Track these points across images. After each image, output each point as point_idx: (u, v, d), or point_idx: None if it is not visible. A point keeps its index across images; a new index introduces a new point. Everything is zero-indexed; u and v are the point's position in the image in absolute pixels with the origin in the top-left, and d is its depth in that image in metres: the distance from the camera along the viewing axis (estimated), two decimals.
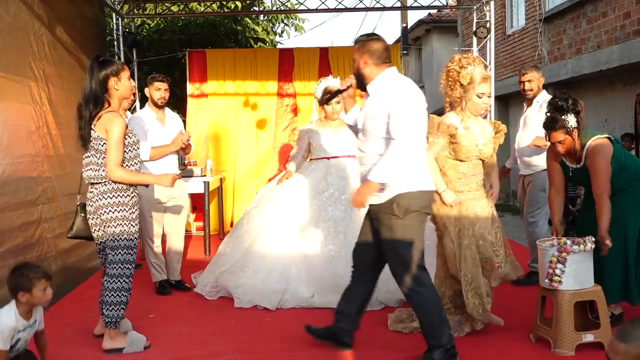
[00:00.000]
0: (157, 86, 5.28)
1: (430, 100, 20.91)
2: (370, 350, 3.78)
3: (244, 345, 3.93)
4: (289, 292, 4.80)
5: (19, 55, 4.94)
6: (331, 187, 5.17)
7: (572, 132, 3.89)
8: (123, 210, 3.73)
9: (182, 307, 4.84)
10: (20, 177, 4.76)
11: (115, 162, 3.66)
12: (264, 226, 5.15)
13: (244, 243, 5.14)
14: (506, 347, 3.79)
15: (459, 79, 3.92)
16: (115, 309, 3.76)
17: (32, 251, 4.89)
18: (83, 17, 6.72)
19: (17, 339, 3.09)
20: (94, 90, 3.72)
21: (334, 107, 5.24)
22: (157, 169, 5.08)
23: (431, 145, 3.91)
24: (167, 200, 5.28)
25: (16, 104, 4.82)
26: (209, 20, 11.45)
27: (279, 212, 5.18)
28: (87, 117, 3.72)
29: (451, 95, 4.01)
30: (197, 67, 8.72)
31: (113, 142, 3.65)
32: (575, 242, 3.61)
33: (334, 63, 8.79)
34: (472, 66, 3.91)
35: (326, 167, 5.28)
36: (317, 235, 5.00)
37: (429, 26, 20.64)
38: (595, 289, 3.68)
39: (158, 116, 5.34)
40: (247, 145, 8.74)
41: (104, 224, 3.75)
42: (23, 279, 3.07)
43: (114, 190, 3.72)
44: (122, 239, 3.74)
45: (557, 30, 11.11)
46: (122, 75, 3.79)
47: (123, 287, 3.77)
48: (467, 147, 3.91)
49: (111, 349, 3.79)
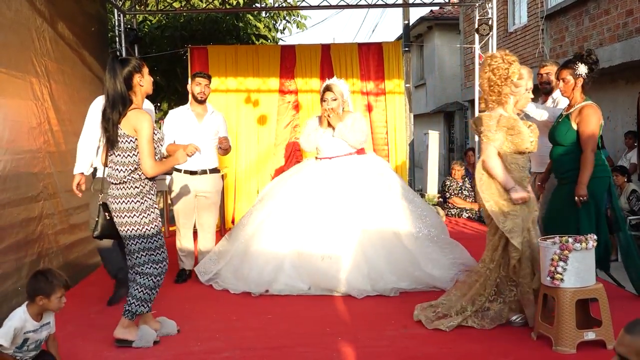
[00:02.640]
0: (198, 81, 5.40)
1: (431, 98, 20.91)
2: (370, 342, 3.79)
3: (245, 342, 3.94)
4: (280, 282, 4.95)
5: (21, 51, 4.93)
6: (330, 185, 5.21)
7: (577, 77, 4.39)
8: (136, 216, 3.73)
9: (184, 303, 4.84)
10: (21, 173, 4.76)
11: (150, 157, 3.65)
12: (261, 222, 5.25)
13: (241, 239, 5.29)
14: (507, 344, 3.78)
15: (510, 75, 3.94)
16: (137, 304, 3.82)
17: (34, 247, 4.89)
18: (85, 13, 6.71)
19: (25, 338, 3.16)
20: (120, 90, 3.65)
21: (330, 103, 5.32)
22: (191, 162, 5.04)
23: (491, 141, 3.95)
24: (196, 195, 5.39)
25: (18, 100, 4.82)
26: (210, 16, 11.43)
27: (277, 208, 5.25)
28: (115, 119, 3.66)
29: (500, 92, 4.00)
30: (198, 63, 8.70)
31: (145, 139, 3.64)
32: (577, 240, 3.60)
33: (335, 60, 8.77)
34: (517, 63, 3.97)
35: (324, 167, 5.35)
36: (313, 233, 5.05)
37: (431, 23, 20.63)
38: (597, 286, 3.68)
39: (197, 112, 5.43)
40: (249, 141, 8.73)
41: (126, 227, 3.76)
42: (46, 284, 3.17)
43: (130, 196, 3.71)
44: (142, 241, 3.76)
45: (559, 27, 11.09)
46: (144, 71, 3.77)
47: (148, 285, 3.81)
48: (525, 139, 3.96)
49: (121, 339, 3.83)
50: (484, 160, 4.02)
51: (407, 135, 10.51)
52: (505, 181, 3.94)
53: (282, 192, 5.39)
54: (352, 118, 5.38)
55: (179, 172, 5.37)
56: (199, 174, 5.36)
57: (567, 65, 4.47)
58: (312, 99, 8.76)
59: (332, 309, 4.58)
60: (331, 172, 5.29)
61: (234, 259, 5.26)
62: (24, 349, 3.18)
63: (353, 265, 4.89)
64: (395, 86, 8.86)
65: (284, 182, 5.52)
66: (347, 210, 5.09)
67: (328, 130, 5.39)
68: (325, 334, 4.04)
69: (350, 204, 5.12)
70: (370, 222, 5.07)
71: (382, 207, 5.18)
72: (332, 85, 5.38)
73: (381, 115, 8.78)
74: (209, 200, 5.47)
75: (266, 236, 5.16)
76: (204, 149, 5.24)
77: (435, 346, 3.77)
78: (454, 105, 19.78)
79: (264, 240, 5.15)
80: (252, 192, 8.73)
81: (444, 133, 20.77)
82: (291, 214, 5.17)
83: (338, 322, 4.28)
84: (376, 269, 4.93)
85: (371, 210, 5.12)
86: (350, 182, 5.22)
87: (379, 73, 8.83)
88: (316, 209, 5.13)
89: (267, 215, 5.27)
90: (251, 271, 5.06)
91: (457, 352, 3.68)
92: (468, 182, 9.12)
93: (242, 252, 5.22)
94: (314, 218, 5.10)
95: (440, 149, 12.88)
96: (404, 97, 9.25)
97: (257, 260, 5.08)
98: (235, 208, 8.67)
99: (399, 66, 8.91)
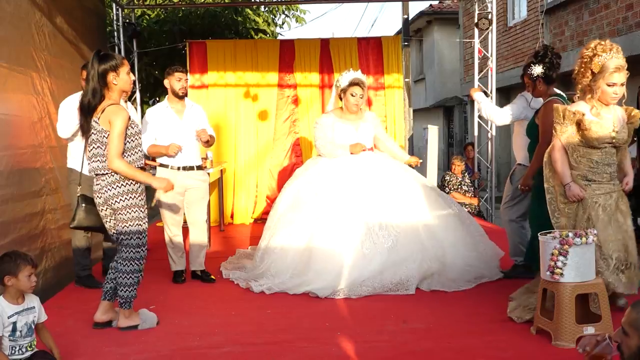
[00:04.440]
0: (178, 76, 5.21)
1: (430, 93, 20.88)
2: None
3: (244, 337, 3.94)
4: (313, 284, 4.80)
5: (21, 46, 4.93)
6: (354, 182, 5.12)
7: (535, 80, 4.62)
8: (133, 198, 3.89)
9: (182, 298, 4.85)
10: (23, 168, 4.77)
11: (116, 153, 3.78)
12: (316, 225, 5.04)
13: (299, 245, 5.05)
14: (507, 339, 3.79)
15: (591, 66, 3.85)
16: (130, 290, 3.98)
17: (36, 242, 4.90)
18: (83, 8, 6.70)
19: (13, 322, 3.23)
20: (94, 83, 3.84)
21: (358, 100, 5.25)
22: (176, 159, 5.13)
23: (559, 134, 3.92)
24: (185, 190, 5.23)
25: (18, 95, 4.82)
26: (209, 11, 11.41)
27: (312, 212, 5.10)
28: (86, 107, 3.86)
29: (582, 82, 3.94)
30: (197, 58, 8.69)
31: (115, 134, 3.78)
32: (577, 235, 3.61)
33: (334, 54, 8.76)
34: (607, 54, 3.81)
35: (349, 162, 5.24)
36: (344, 232, 4.93)
37: (430, 18, 20.60)
38: (597, 281, 3.69)
39: (177, 108, 5.24)
40: (248, 136, 8.72)
41: (115, 213, 3.91)
42: (10, 264, 3.26)
43: (122, 179, 3.86)
44: (134, 224, 3.91)
45: (559, 21, 11.08)
46: (120, 70, 3.89)
47: (135, 269, 3.97)
48: (598, 134, 3.86)
49: (127, 326, 4.00)
50: (549, 152, 4.01)
51: (407, 130, 10.54)
52: (562, 176, 3.89)
53: (327, 188, 5.16)
54: (372, 116, 5.52)
55: (165, 167, 5.19)
56: (185, 170, 5.20)
57: (524, 70, 4.71)
58: (311, 94, 8.76)
59: (332, 303, 4.59)
60: (366, 166, 5.21)
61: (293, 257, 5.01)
62: (17, 335, 3.25)
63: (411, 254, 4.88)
64: (395, 81, 8.85)
65: (324, 178, 5.26)
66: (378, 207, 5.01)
67: (349, 123, 5.31)
68: (325, 328, 4.05)
69: (389, 197, 5.06)
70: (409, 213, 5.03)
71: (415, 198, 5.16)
72: (362, 83, 5.30)
73: (380, 110, 8.76)
74: (199, 193, 5.31)
75: (327, 235, 4.95)
76: (188, 144, 5.18)
77: (434, 341, 3.79)
78: (453, 100, 19.77)
79: (325, 238, 4.94)
80: (251, 187, 8.73)
81: (444, 128, 20.77)
82: (344, 212, 5.00)
83: (338, 317, 4.29)
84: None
85: (407, 202, 5.09)
86: (387, 175, 5.21)
87: (378, 68, 8.82)
88: (362, 205, 5.01)
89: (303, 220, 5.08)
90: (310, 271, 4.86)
91: (456, 346, 3.69)
92: (468, 177, 9.12)
93: (301, 250, 5.00)
94: (361, 214, 4.98)
95: (439, 144, 12.89)
96: (403, 92, 9.25)
97: (319, 259, 4.87)
98: (234, 203, 8.67)
99: (398, 61, 8.90)
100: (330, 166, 5.29)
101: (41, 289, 4.39)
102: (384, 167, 5.27)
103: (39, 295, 3.50)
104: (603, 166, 3.92)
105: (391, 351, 3.65)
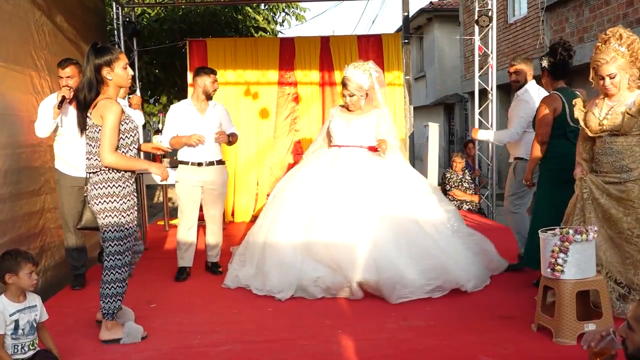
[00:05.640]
0: (214, 78, 5.42)
1: (431, 90, 20.85)
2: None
3: (245, 335, 3.94)
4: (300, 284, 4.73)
5: (20, 45, 4.93)
6: (336, 175, 5.02)
7: (543, 70, 4.76)
8: (113, 202, 3.69)
9: (183, 296, 4.85)
10: (22, 167, 4.76)
11: (109, 147, 3.62)
12: (273, 220, 5.05)
13: (259, 240, 5.08)
14: (507, 336, 3.79)
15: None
16: (111, 301, 3.76)
17: (36, 241, 4.90)
18: (83, 6, 6.69)
19: (15, 320, 3.22)
20: (89, 77, 3.72)
21: (348, 99, 5.13)
22: (196, 155, 5.25)
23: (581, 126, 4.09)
24: (202, 185, 5.33)
25: (17, 94, 4.82)
26: (209, 9, 11.39)
27: (287, 203, 5.08)
28: (82, 103, 3.76)
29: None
30: (197, 56, 8.69)
31: (107, 128, 3.62)
32: (578, 232, 3.60)
33: (335, 52, 8.75)
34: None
35: (334, 155, 5.16)
36: (322, 224, 4.85)
37: (431, 15, 20.59)
38: (598, 278, 3.68)
39: (200, 106, 5.38)
40: (248, 134, 8.71)
41: (96, 215, 3.75)
42: (11, 262, 3.25)
43: (105, 181, 3.69)
44: (112, 230, 3.70)
45: (560, 18, 11.06)
46: (115, 65, 3.72)
47: (117, 279, 3.75)
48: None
49: (108, 339, 3.80)
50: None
51: (407, 128, 10.51)
52: (576, 162, 4.14)
53: (293, 184, 5.18)
54: (377, 114, 5.18)
55: (185, 164, 5.31)
56: (205, 165, 5.30)
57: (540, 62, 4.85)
58: (312, 91, 8.75)
59: (332, 301, 4.58)
60: (340, 161, 5.07)
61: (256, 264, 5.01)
62: (20, 333, 3.23)
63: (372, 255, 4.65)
64: (395, 78, 8.84)
65: (295, 174, 5.31)
66: (363, 197, 4.86)
67: (345, 118, 5.19)
68: (326, 326, 4.04)
69: (366, 192, 4.88)
70: (390, 210, 4.84)
71: (402, 196, 4.99)
72: (347, 81, 5.10)
73: None
74: (215, 191, 5.40)
75: (280, 230, 4.92)
76: (209, 141, 5.28)
77: (435, 338, 3.79)
78: (453, 97, 19.75)
79: (278, 238, 4.90)
80: (252, 185, 8.73)
81: (444, 125, 20.75)
82: (303, 205, 4.94)
83: (338, 315, 4.29)
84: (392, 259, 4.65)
85: (389, 198, 4.90)
86: (363, 170, 5.01)
87: (379, 65, 8.66)
88: (329, 198, 4.88)
89: (278, 212, 5.06)
90: (271, 275, 4.80)
91: (456, 343, 3.69)
92: (468, 174, 9.11)
93: (260, 249, 5.00)
94: (327, 207, 4.85)
95: (440, 141, 12.88)
96: (403, 89, 9.24)
97: (276, 262, 4.83)
98: (234, 201, 8.68)
99: (399, 58, 8.89)
100: (308, 162, 5.32)
101: (41, 288, 4.38)
102: (360, 165, 5.04)
103: (39, 295, 3.49)
104: (601, 156, 3.94)
105: (392, 349, 3.64)
